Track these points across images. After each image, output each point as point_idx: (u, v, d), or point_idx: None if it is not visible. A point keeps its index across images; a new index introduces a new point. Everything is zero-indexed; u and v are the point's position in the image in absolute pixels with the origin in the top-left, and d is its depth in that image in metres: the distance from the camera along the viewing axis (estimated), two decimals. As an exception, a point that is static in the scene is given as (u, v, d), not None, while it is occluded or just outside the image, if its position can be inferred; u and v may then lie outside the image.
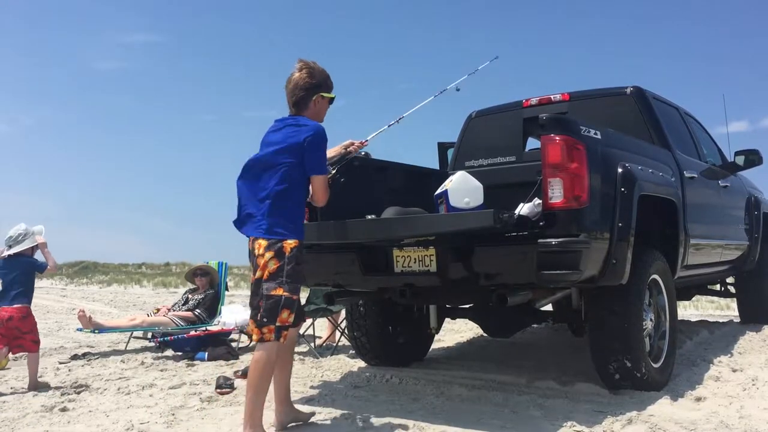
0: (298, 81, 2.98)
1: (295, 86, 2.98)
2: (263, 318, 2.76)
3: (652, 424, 2.93)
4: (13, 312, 4.19)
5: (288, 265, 2.77)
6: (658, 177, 3.78)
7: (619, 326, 3.35)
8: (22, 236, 4.34)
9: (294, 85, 2.98)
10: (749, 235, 5.69)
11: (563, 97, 4.73)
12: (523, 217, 3.13)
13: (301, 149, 2.86)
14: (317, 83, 3.00)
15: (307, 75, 2.99)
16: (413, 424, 3.00)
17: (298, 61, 3.04)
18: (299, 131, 2.89)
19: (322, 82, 3.03)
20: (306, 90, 2.98)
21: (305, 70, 3.00)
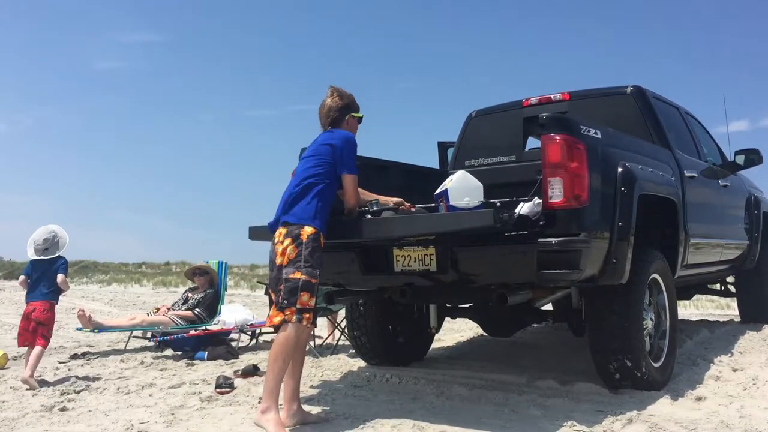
0: (331, 105, 3.37)
1: (329, 109, 3.36)
2: (284, 300, 2.93)
3: (652, 424, 2.93)
4: (38, 305, 4.49)
5: (306, 250, 2.96)
6: (658, 176, 3.78)
7: (619, 326, 3.35)
8: (51, 242, 4.57)
9: (328, 108, 3.36)
10: (749, 235, 5.69)
11: (563, 96, 4.73)
12: (523, 217, 3.13)
13: (333, 150, 3.20)
14: (347, 104, 3.40)
15: (339, 98, 3.38)
16: (413, 424, 2.99)
17: (329, 87, 3.43)
18: (333, 135, 3.27)
19: (351, 103, 3.42)
20: (339, 111, 3.36)
21: (336, 94, 3.39)
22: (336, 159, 3.18)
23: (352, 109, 3.41)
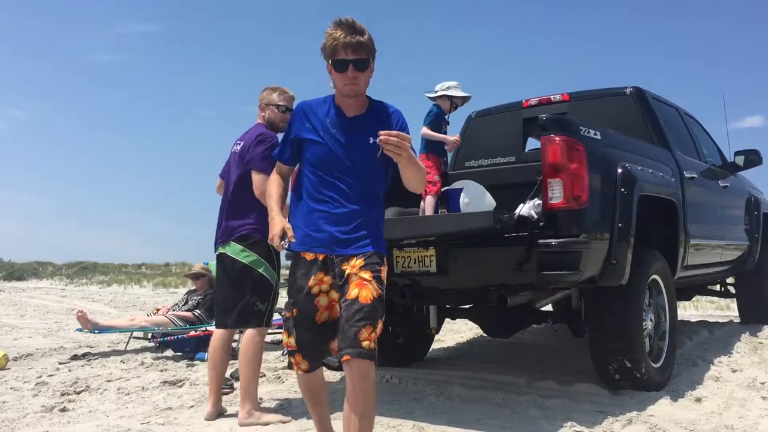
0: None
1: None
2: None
3: (652, 425, 2.93)
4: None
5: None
6: (658, 177, 3.79)
7: (619, 326, 3.36)
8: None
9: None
10: (749, 236, 5.69)
11: (563, 97, 4.73)
12: (523, 218, 3.14)
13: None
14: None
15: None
16: (413, 424, 3.00)
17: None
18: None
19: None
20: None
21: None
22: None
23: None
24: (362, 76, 2.15)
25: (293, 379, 4.13)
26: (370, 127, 2.18)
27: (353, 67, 2.12)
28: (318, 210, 2.20)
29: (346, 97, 2.20)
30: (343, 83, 2.15)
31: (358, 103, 2.25)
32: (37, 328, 7.94)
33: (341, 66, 2.13)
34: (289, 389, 3.88)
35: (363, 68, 2.15)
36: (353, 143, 2.20)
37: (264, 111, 3.53)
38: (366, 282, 2.10)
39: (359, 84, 2.17)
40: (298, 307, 2.24)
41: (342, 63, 2.12)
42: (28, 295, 14.17)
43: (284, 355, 5.06)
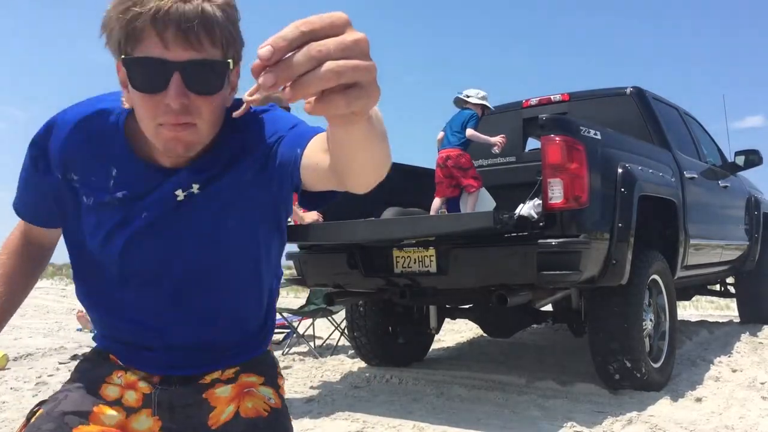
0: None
1: None
2: None
3: (652, 425, 2.93)
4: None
5: None
6: (658, 177, 3.79)
7: (619, 326, 3.36)
8: None
9: None
10: (749, 236, 5.69)
11: (563, 97, 4.74)
12: (523, 218, 3.14)
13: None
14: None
15: None
16: (413, 424, 3.00)
17: None
18: None
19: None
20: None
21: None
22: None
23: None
24: (207, 104, 0.90)
25: (293, 379, 4.13)
26: (219, 185, 1.01)
27: (183, 82, 0.87)
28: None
29: (165, 153, 0.97)
30: (155, 119, 0.90)
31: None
32: (37, 327, 7.94)
33: (151, 76, 0.87)
34: (289, 389, 3.88)
35: (212, 87, 0.90)
36: (175, 230, 1.02)
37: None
38: None
39: (198, 125, 0.91)
40: None
41: (153, 68, 0.87)
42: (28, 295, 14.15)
43: (284, 354, 5.06)
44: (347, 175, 0.77)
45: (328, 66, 0.48)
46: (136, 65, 0.88)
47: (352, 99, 0.50)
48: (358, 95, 0.51)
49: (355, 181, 0.78)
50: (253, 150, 1.00)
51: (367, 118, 0.60)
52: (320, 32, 0.49)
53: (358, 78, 0.50)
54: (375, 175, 0.77)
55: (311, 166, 0.86)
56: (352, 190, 0.81)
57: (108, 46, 0.91)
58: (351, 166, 0.74)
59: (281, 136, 0.97)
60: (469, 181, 4.37)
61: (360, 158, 0.71)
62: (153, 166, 1.01)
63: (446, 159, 4.41)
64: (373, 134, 0.65)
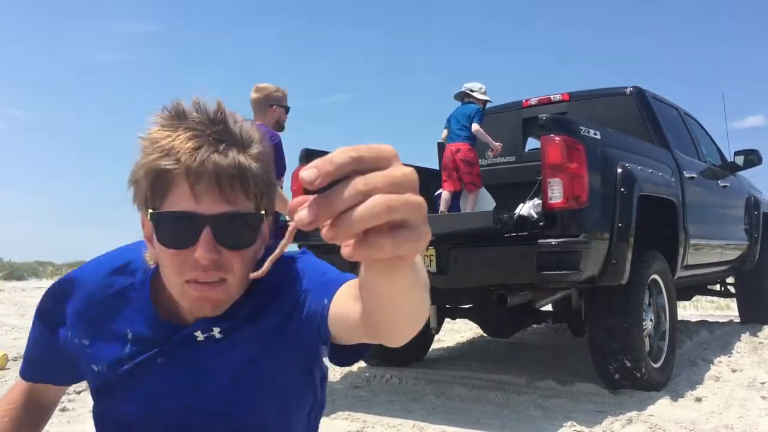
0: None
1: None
2: None
3: (652, 424, 2.93)
4: None
5: None
6: (658, 177, 3.79)
7: (619, 326, 3.36)
8: None
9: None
10: (749, 235, 5.69)
11: (563, 97, 4.74)
12: (523, 218, 3.14)
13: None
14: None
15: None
16: (413, 424, 2.99)
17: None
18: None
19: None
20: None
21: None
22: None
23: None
24: (238, 258, 0.86)
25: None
26: (242, 333, 0.93)
27: (213, 237, 0.83)
28: None
29: (191, 313, 0.92)
30: (182, 275, 0.85)
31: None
32: (37, 328, 7.92)
33: (180, 231, 0.83)
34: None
35: (244, 240, 0.86)
36: (194, 374, 0.94)
37: (275, 112, 3.56)
38: None
39: (229, 281, 0.86)
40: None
41: (183, 222, 0.83)
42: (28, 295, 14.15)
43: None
44: (382, 328, 0.69)
45: (379, 199, 0.42)
46: (165, 220, 0.83)
47: (401, 241, 0.44)
48: (408, 237, 0.44)
49: (390, 334, 0.71)
50: (281, 299, 0.92)
51: (410, 264, 0.52)
52: (367, 163, 0.44)
53: (408, 216, 0.44)
54: (412, 328, 0.69)
55: (340, 317, 0.80)
56: (386, 343, 0.73)
57: (135, 199, 0.87)
58: (387, 319, 0.65)
59: (310, 286, 0.90)
60: (472, 179, 4.40)
61: (399, 310, 0.63)
62: (174, 326, 0.94)
63: (456, 151, 4.42)
64: (416, 283, 0.57)
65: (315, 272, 0.93)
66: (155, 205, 0.84)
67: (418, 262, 0.56)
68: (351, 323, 0.76)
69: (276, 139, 3.41)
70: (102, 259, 1.01)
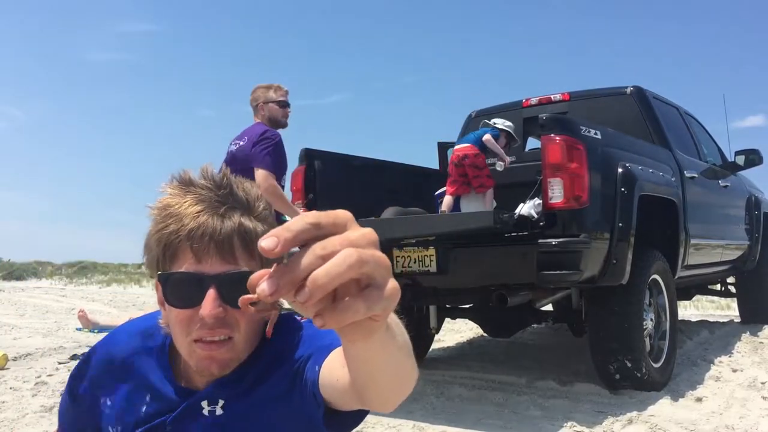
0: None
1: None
2: None
3: (652, 425, 2.93)
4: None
5: None
6: (659, 177, 3.78)
7: (619, 326, 3.35)
8: None
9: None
10: (749, 235, 5.69)
11: (563, 96, 4.73)
12: (523, 217, 3.13)
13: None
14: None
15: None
16: (413, 424, 2.99)
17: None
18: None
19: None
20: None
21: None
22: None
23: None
24: (244, 316, 0.87)
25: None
26: (246, 402, 0.93)
27: (218, 295, 0.85)
28: None
29: (198, 373, 0.94)
30: (189, 334, 0.88)
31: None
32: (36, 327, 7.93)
33: (185, 291, 0.86)
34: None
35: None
36: None
37: (263, 110, 3.54)
38: None
39: (235, 339, 0.88)
40: None
41: (187, 282, 0.86)
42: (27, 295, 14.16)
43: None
44: (368, 393, 0.68)
45: (350, 251, 0.43)
46: (171, 280, 0.87)
47: (373, 301, 0.44)
48: (379, 295, 0.44)
49: (377, 399, 0.70)
50: (284, 365, 0.91)
51: (385, 326, 0.52)
52: (324, 228, 0.45)
53: (375, 271, 0.44)
54: (400, 392, 0.69)
55: (330, 384, 0.79)
56: (375, 409, 0.73)
57: (147, 267, 0.92)
58: (371, 384, 0.65)
59: (311, 353, 0.89)
60: (482, 181, 4.39)
61: (381, 374, 0.62)
62: (187, 390, 0.96)
63: (463, 157, 4.40)
64: (394, 345, 0.57)
65: (315, 337, 0.92)
66: (165, 269, 0.88)
67: (393, 324, 0.56)
68: (341, 389, 0.75)
69: (276, 137, 3.39)
70: (127, 325, 1.07)
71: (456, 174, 4.43)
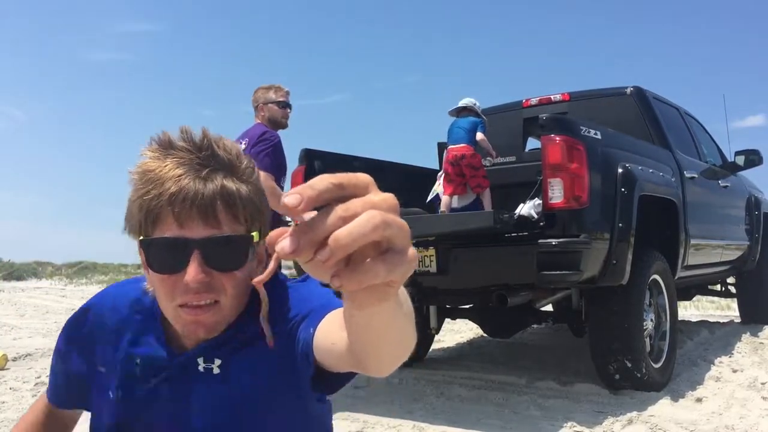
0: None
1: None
2: None
3: (652, 425, 2.93)
4: None
5: None
6: (659, 177, 3.78)
7: (619, 326, 3.35)
8: None
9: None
10: (749, 235, 5.69)
11: (563, 97, 4.73)
12: (523, 218, 3.13)
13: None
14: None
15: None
16: (413, 424, 2.99)
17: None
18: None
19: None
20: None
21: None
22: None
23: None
24: (230, 279, 0.87)
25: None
26: (242, 361, 0.94)
27: (203, 260, 0.84)
28: None
29: (185, 337, 0.94)
30: (174, 300, 0.87)
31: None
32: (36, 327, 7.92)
33: (169, 256, 0.85)
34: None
35: (234, 262, 0.87)
36: (194, 404, 0.94)
37: (263, 110, 3.54)
38: None
39: (221, 302, 0.88)
40: None
41: (170, 247, 0.85)
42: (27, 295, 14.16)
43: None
44: (367, 359, 0.68)
45: (374, 213, 0.43)
46: (154, 246, 0.86)
47: (394, 265, 0.44)
48: (400, 260, 0.44)
49: (375, 365, 0.69)
50: (277, 324, 0.90)
51: (397, 292, 0.51)
52: (347, 189, 0.45)
53: (396, 236, 0.44)
54: (399, 358, 0.68)
55: (325, 347, 0.78)
56: (371, 374, 0.71)
57: (129, 232, 0.89)
58: (372, 350, 0.65)
59: (306, 314, 0.88)
60: (479, 181, 4.39)
61: (384, 341, 0.62)
62: (177, 352, 0.96)
63: (460, 157, 4.41)
64: (401, 313, 0.57)
65: (310, 298, 0.91)
66: (147, 234, 0.86)
67: (401, 292, 0.55)
68: (336, 353, 0.74)
69: (275, 138, 3.39)
70: (112, 288, 1.06)
71: (453, 173, 4.44)
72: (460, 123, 4.57)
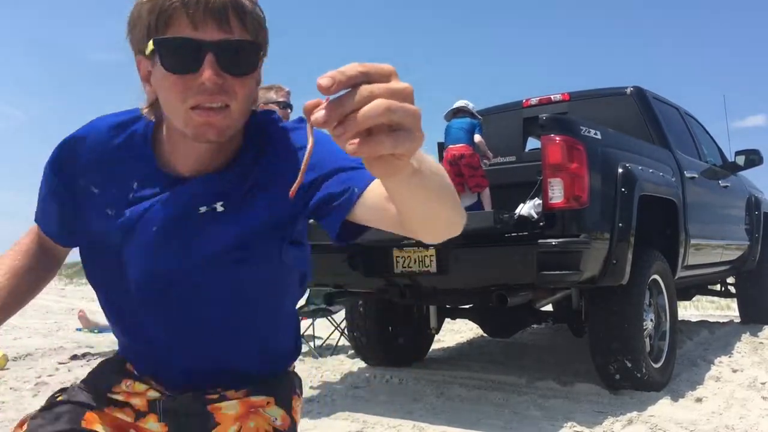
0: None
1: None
2: None
3: (652, 425, 2.93)
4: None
5: None
6: (659, 177, 3.78)
7: (619, 326, 3.35)
8: None
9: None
10: (749, 235, 5.69)
11: (563, 97, 4.74)
12: (523, 218, 3.13)
13: None
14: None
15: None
16: (413, 424, 2.99)
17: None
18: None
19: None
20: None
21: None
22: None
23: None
24: (241, 85, 0.89)
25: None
26: (245, 206, 0.98)
27: (217, 62, 0.86)
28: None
29: (195, 140, 0.91)
30: (186, 101, 0.87)
31: (216, 148, 0.96)
32: (36, 327, 7.93)
33: (183, 56, 0.86)
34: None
35: (246, 67, 0.90)
36: (193, 244, 0.98)
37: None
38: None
39: (232, 108, 0.89)
40: None
41: (185, 48, 0.86)
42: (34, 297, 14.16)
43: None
44: (412, 227, 0.79)
45: (380, 101, 0.51)
46: (168, 45, 0.86)
47: (400, 140, 0.52)
48: (405, 137, 0.53)
49: (423, 233, 0.81)
50: (288, 174, 0.95)
51: (413, 171, 0.61)
52: (372, 76, 0.53)
53: (405, 120, 0.52)
54: (444, 230, 0.80)
55: (380, 207, 0.86)
56: (424, 240, 0.83)
57: (131, 39, 0.92)
58: (413, 220, 0.76)
59: (338, 164, 0.93)
60: (477, 181, 4.40)
61: (413, 213, 0.74)
62: (173, 178, 0.99)
63: (459, 157, 4.42)
64: (429, 188, 0.68)
65: (334, 151, 0.90)
66: (158, 35, 0.87)
67: (428, 170, 0.65)
68: (388, 218, 0.83)
69: None
70: (106, 117, 1.05)
71: (452, 173, 4.45)
72: (457, 123, 4.58)
